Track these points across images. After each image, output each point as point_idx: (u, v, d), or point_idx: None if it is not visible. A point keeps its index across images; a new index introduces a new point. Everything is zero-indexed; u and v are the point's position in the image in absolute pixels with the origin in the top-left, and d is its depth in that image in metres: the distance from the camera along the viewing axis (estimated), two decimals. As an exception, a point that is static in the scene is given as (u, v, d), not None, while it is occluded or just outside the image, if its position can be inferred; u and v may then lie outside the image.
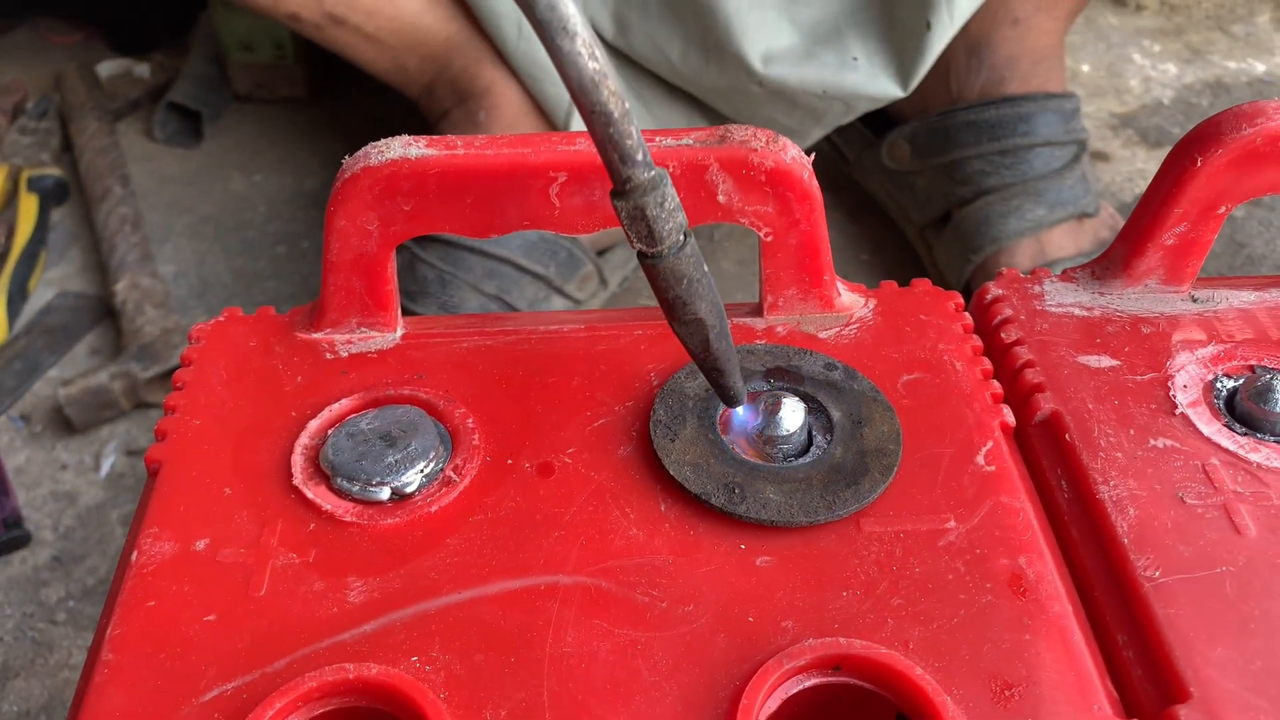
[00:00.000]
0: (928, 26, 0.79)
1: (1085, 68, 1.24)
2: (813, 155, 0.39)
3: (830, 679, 0.31)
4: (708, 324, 0.33)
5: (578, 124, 0.84)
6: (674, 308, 0.33)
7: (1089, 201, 0.84)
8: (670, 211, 0.30)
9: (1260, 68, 1.24)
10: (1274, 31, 1.29)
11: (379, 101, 1.18)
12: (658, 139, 0.38)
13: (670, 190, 0.30)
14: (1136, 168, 1.10)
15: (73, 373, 0.89)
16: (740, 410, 0.36)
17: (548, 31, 0.27)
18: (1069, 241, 0.82)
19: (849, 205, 1.03)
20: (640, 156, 0.29)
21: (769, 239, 0.39)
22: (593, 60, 0.28)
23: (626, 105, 0.29)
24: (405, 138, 0.38)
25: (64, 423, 0.85)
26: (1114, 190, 1.06)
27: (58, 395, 0.84)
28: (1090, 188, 0.85)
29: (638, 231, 0.31)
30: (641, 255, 0.32)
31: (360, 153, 0.38)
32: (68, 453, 0.84)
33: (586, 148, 0.38)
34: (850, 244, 1.00)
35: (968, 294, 0.84)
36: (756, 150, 0.37)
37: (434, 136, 0.38)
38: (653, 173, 0.30)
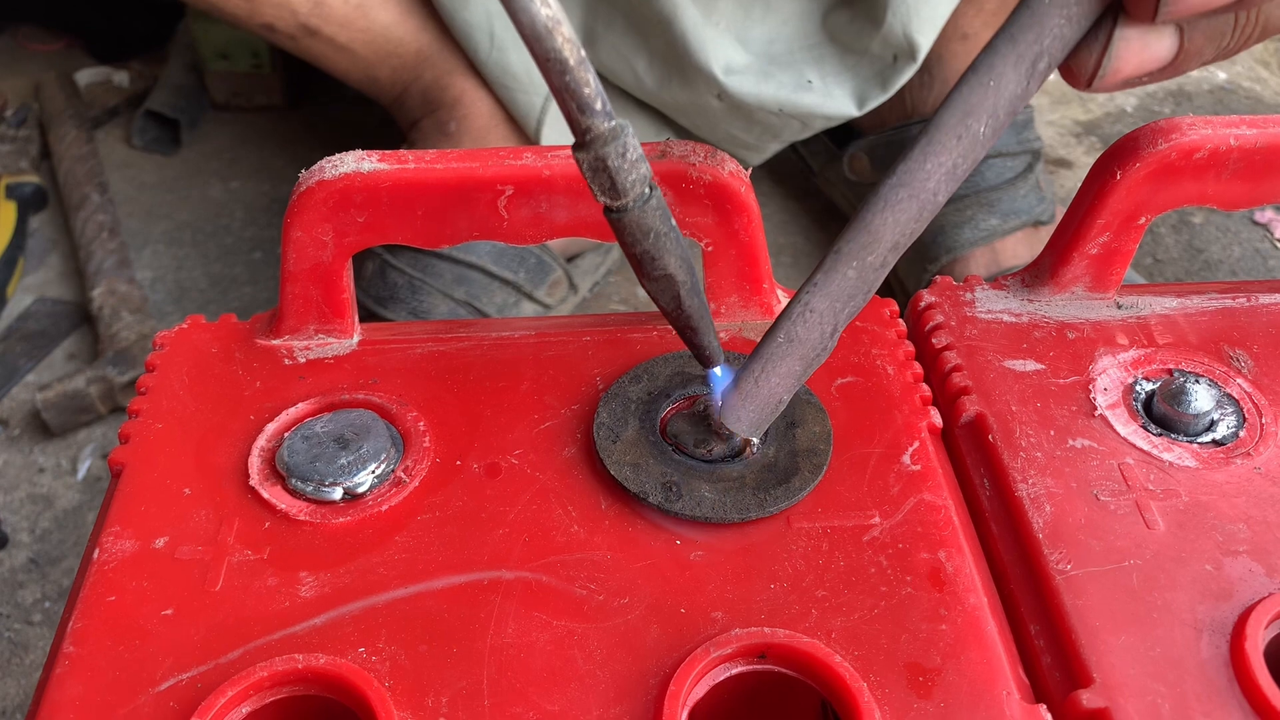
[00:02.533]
0: (895, 59, 0.81)
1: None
2: (749, 169, 0.41)
3: (755, 666, 0.32)
4: (678, 279, 0.33)
5: (548, 134, 0.86)
6: (642, 263, 0.32)
7: (1043, 210, 0.86)
8: (633, 162, 0.30)
9: (1221, 76, 1.26)
10: (1236, 41, 1.31)
11: (355, 109, 1.19)
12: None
13: (633, 141, 0.30)
14: (1099, 175, 1.12)
15: (50, 377, 0.90)
16: (718, 370, 0.37)
17: None
18: (1023, 249, 0.84)
19: (816, 211, 1.05)
20: (599, 106, 0.29)
21: (710, 249, 0.41)
22: (545, 6, 0.27)
23: (582, 53, 0.28)
24: (359, 152, 0.39)
25: (41, 427, 0.86)
26: (1077, 197, 1.09)
27: (35, 400, 0.85)
28: (1044, 196, 0.87)
29: (600, 184, 0.30)
30: (606, 209, 0.31)
31: (315, 167, 0.39)
32: (45, 456, 0.85)
33: (533, 161, 0.39)
34: (818, 249, 1.02)
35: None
36: (695, 165, 0.39)
37: (386, 151, 0.40)
38: (613, 123, 0.29)
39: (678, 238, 0.32)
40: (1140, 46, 0.31)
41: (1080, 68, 0.32)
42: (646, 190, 0.31)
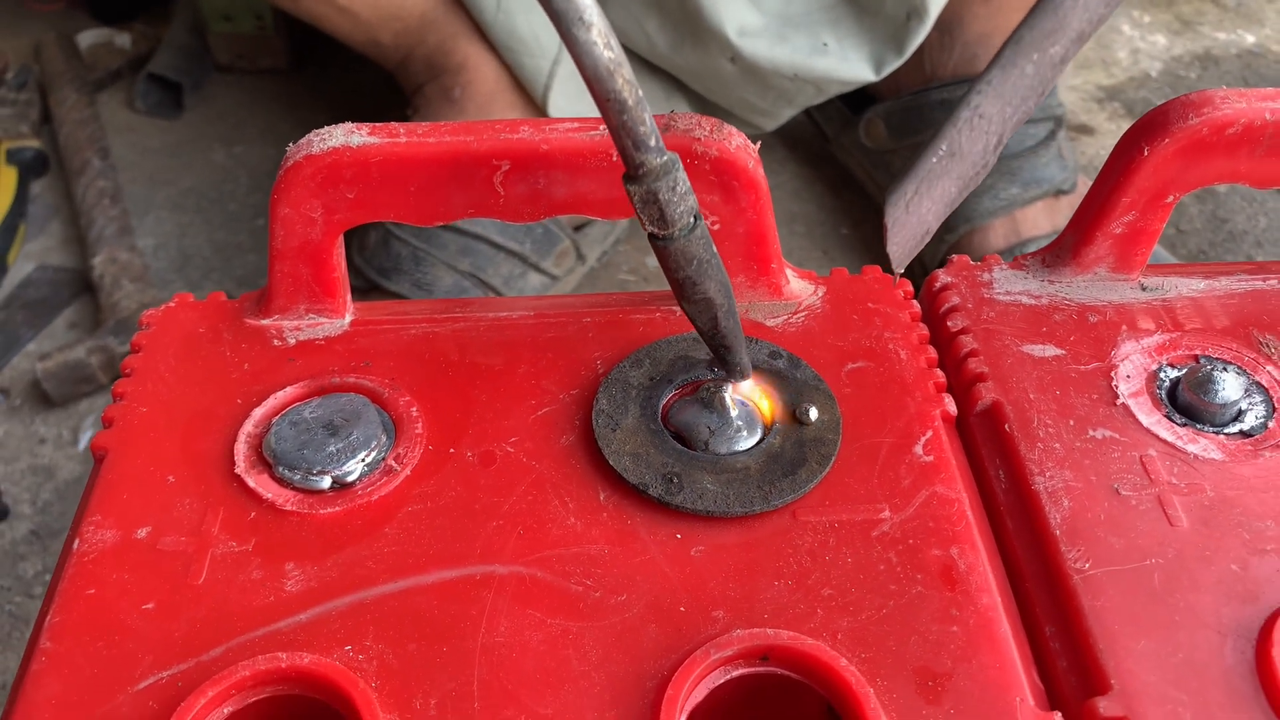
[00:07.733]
0: (908, 18, 0.78)
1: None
2: (758, 143, 0.39)
3: (757, 669, 0.31)
4: (716, 303, 0.34)
5: (556, 99, 0.84)
6: (684, 287, 0.33)
7: (1065, 178, 0.83)
8: (682, 195, 0.31)
9: (1250, 39, 1.23)
10: (1266, 2, 1.27)
11: (361, 72, 1.17)
12: (602, 128, 0.38)
13: (681, 175, 0.31)
14: (1121, 142, 1.09)
15: (51, 347, 0.89)
16: (745, 385, 0.37)
17: (564, 21, 0.28)
18: (1044, 219, 0.82)
19: (830, 179, 1.03)
20: (653, 142, 0.30)
21: (716, 227, 0.39)
22: (608, 49, 0.28)
23: (640, 93, 0.29)
24: (348, 125, 0.38)
25: (42, 397, 0.86)
26: (1098, 164, 1.06)
27: (36, 369, 0.84)
28: (1067, 164, 0.84)
29: (650, 215, 0.32)
30: (653, 237, 0.33)
31: (303, 140, 0.38)
32: (46, 427, 0.84)
33: (530, 135, 0.38)
34: (831, 218, 1.00)
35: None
36: (700, 139, 0.37)
37: (377, 124, 0.38)
38: (665, 158, 0.31)
39: (718, 263, 0.33)
40: None
41: None
42: (692, 220, 0.32)
